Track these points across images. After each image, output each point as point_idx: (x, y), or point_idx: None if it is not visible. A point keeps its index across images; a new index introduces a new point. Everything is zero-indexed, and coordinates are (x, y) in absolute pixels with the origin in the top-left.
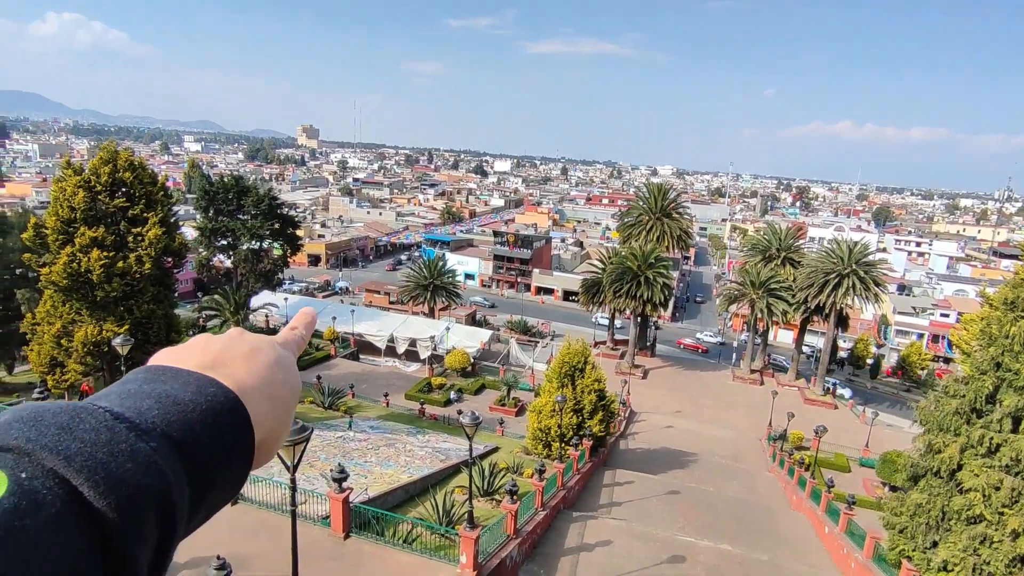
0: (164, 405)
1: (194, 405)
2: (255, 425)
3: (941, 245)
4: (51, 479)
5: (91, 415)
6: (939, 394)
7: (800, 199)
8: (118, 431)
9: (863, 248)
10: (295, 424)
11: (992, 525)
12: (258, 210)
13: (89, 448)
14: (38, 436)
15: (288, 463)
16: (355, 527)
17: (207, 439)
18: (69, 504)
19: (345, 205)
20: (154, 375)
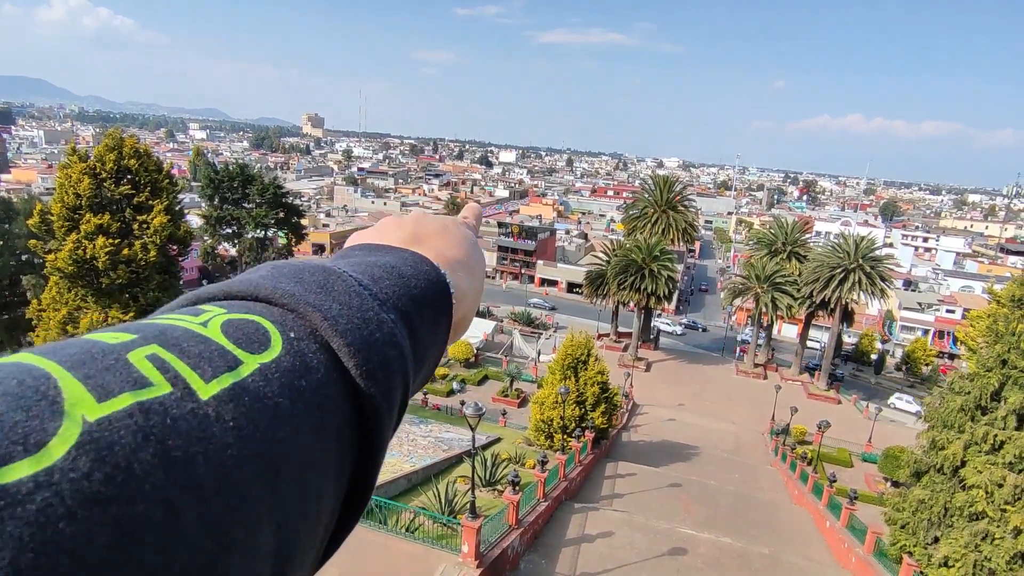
0: (392, 277)
1: (415, 280)
2: (458, 300)
3: (948, 241)
4: (315, 341)
5: (341, 279)
6: (944, 391)
7: (807, 193)
8: (366, 299)
9: (870, 243)
10: None
11: (994, 522)
12: (263, 199)
13: (347, 312)
14: (304, 293)
15: None
16: None
17: (425, 315)
18: (331, 370)
19: (350, 194)
20: (372, 250)
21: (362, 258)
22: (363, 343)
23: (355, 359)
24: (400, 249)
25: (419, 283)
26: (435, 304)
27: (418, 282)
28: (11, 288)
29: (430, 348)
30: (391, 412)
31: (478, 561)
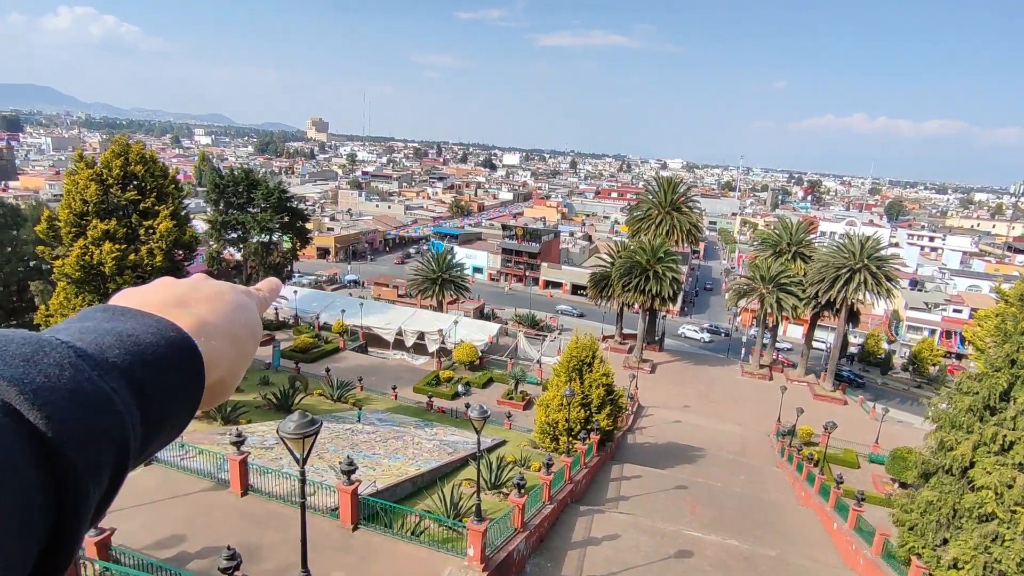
0: (125, 345)
1: (154, 347)
2: (212, 365)
3: (955, 240)
4: (6, 414)
5: (55, 349)
6: (952, 391)
7: (811, 193)
8: (81, 368)
9: (875, 243)
10: (304, 417)
11: (1004, 523)
12: (268, 203)
13: (52, 383)
14: (1, 366)
15: (298, 455)
16: (363, 519)
17: (163, 381)
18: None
19: (354, 198)
20: (115, 314)
21: (99, 323)
22: (65, 413)
23: (54, 429)
24: (147, 315)
25: (159, 349)
26: (178, 369)
27: (158, 348)
28: (19, 294)
29: (171, 412)
30: (97, 478)
31: (484, 564)
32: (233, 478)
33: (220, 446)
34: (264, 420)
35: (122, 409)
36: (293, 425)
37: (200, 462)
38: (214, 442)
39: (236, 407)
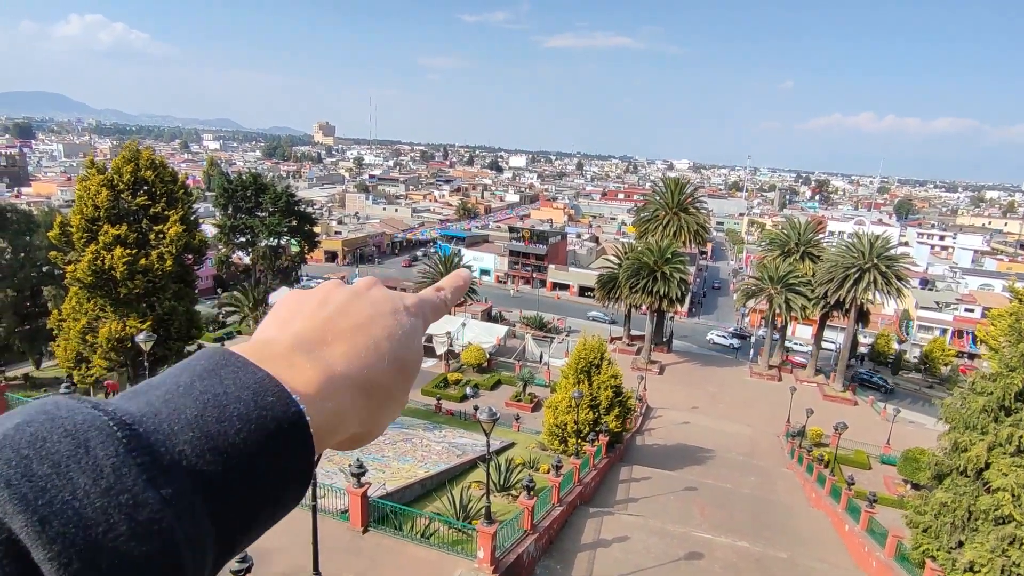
0: (206, 423)
1: (244, 425)
2: (332, 430)
3: (966, 238)
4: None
5: (101, 445)
6: (966, 391)
7: (820, 192)
8: (124, 474)
9: (885, 242)
10: None
11: (1022, 526)
12: (276, 207)
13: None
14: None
15: None
16: (373, 521)
17: (253, 470)
18: None
19: (361, 202)
20: (216, 365)
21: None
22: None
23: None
24: (251, 370)
25: (250, 428)
26: (273, 452)
27: (249, 427)
28: (33, 299)
29: (262, 506)
30: None
31: (494, 567)
32: None
33: None
34: None
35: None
36: None
37: None
38: None
39: None
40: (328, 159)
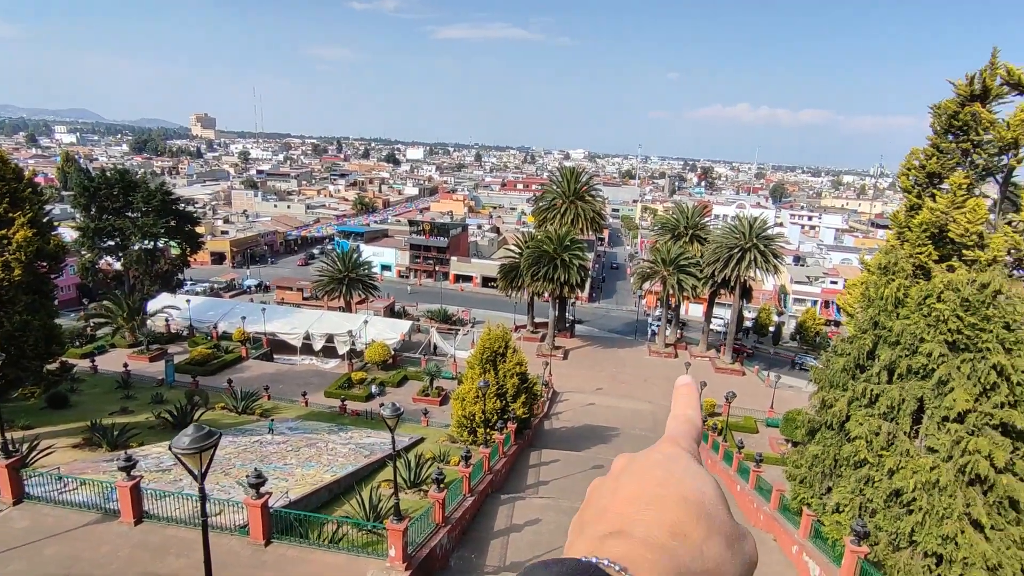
0: None
1: None
2: None
3: (828, 218)
4: None
5: None
6: (829, 354)
7: (705, 179)
8: None
9: (762, 224)
10: (201, 430)
11: (874, 467)
12: (149, 207)
13: None
14: None
15: (195, 472)
16: (277, 532)
17: None
18: None
19: (250, 199)
20: None
21: None
22: None
23: None
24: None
25: None
26: None
27: None
28: None
29: None
30: None
31: (406, 564)
32: (124, 506)
33: (108, 474)
34: (160, 441)
35: None
36: (188, 440)
37: (83, 494)
38: (100, 471)
39: (124, 430)
40: (210, 154)
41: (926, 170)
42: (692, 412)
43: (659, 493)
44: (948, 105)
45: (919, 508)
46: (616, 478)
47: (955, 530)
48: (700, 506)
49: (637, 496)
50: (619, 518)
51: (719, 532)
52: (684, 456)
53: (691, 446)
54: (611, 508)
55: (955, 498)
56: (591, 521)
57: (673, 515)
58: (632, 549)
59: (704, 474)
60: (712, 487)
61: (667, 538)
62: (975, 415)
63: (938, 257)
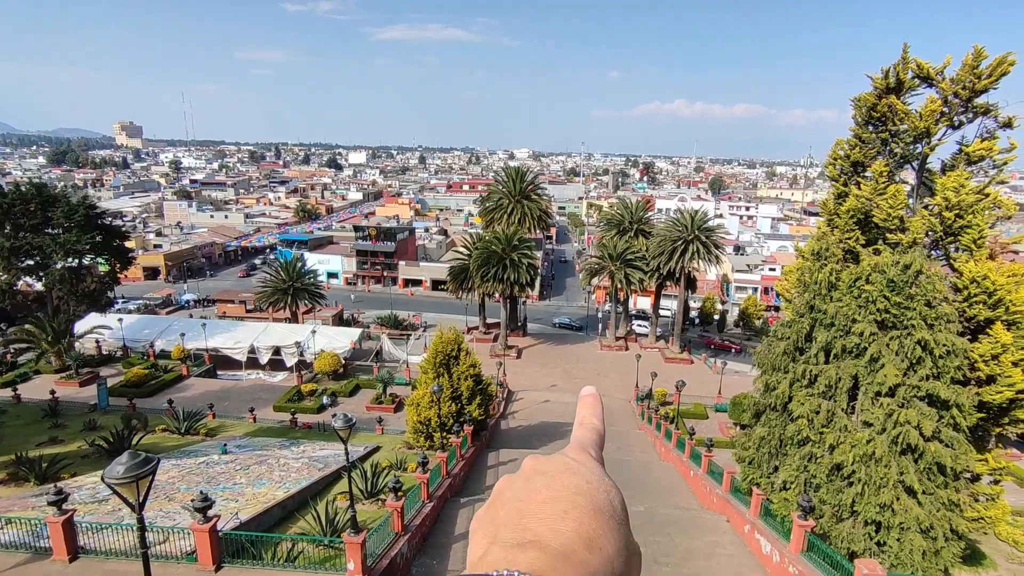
0: None
1: None
2: None
3: (765, 208)
4: None
5: None
6: (770, 339)
7: (647, 174)
8: None
9: (703, 216)
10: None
11: (815, 444)
12: (72, 222)
13: None
14: None
15: (132, 502)
16: (228, 556)
17: None
18: None
19: (183, 210)
20: None
21: None
22: None
23: None
24: None
25: None
26: None
27: None
28: None
29: None
30: None
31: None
32: (56, 543)
33: (37, 510)
34: (95, 470)
35: None
36: (122, 468)
37: (10, 533)
38: (28, 506)
39: (54, 461)
40: (137, 164)
41: (850, 159)
42: (597, 421)
43: (575, 501)
44: (867, 98)
45: (858, 480)
46: (527, 480)
47: (891, 498)
48: (612, 518)
49: (553, 501)
50: (537, 523)
51: (626, 546)
52: (595, 465)
53: (598, 454)
54: (527, 512)
55: (890, 468)
56: (505, 524)
57: (589, 527)
58: (548, 562)
59: (612, 485)
60: (619, 499)
61: (583, 551)
62: (904, 388)
63: (865, 241)
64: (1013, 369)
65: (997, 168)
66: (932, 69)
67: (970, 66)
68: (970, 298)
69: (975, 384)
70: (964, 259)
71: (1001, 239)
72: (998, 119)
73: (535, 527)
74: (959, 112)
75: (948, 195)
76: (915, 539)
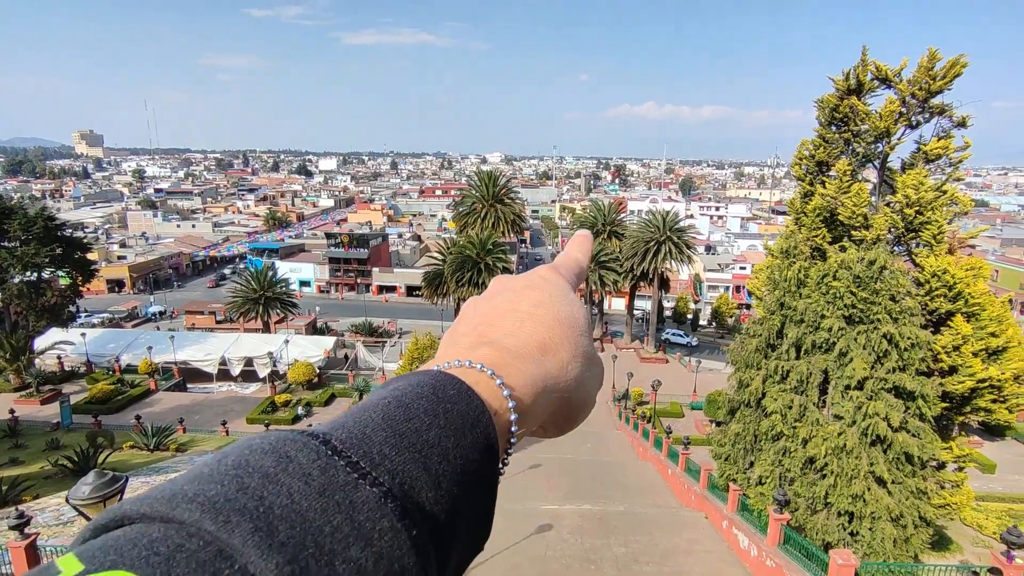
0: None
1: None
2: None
3: (734, 208)
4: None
5: (302, 452)
6: (743, 336)
7: (618, 176)
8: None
9: (674, 216)
10: (103, 476)
11: (789, 438)
12: (29, 234)
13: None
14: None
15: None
16: None
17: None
18: None
19: (148, 220)
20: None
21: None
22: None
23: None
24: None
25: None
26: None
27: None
28: None
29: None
30: None
31: None
32: (19, 569)
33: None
34: (59, 491)
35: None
36: (88, 488)
37: None
38: None
39: (15, 483)
40: (99, 173)
41: (815, 159)
42: (580, 255)
43: (534, 312)
44: (830, 99)
45: (831, 472)
46: (491, 297)
47: (862, 488)
48: (571, 328)
49: (512, 311)
50: (491, 329)
51: (584, 355)
52: (561, 281)
53: (571, 278)
54: (485, 322)
55: (860, 459)
56: (464, 333)
57: (545, 333)
58: (501, 357)
59: (578, 301)
60: (583, 313)
61: (537, 352)
62: (872, 381)
63: (831, 239)
64: (973, 359)
65: (953, 166)
66: (890, 71)
67: (925, 68)
68: (931, 292)
69: (938, 375)
70: (925, 254)
71: (959, 234)
72: (953, 119)
73: (490, 333)
74: (916, 112)
75: (908, 192)
76: (886, 528)
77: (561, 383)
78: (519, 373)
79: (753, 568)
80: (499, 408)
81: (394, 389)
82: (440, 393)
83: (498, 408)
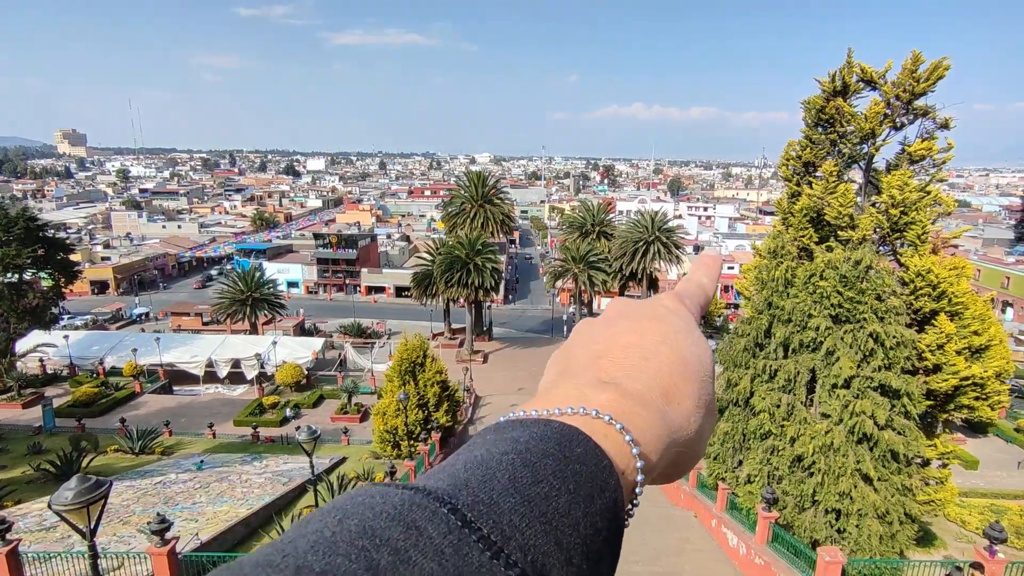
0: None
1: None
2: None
3: (722, 208)
4: None
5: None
6: (732, 336)
7: (607, 176)
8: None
9: (663, 217)
10: (86, 481)
11: (777, 437)
12: (10, 235)
13: None
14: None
15: (83, 529)
16: None
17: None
18: None
19: (133, 220)
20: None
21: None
22: None
23: None
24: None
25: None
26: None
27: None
28: None
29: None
30: None
31: None
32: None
33: None
34: (41, 496)
35: None
36: (71, 493)
37: None
38: None
39: None
40: (82, 173)
41: (802, 160)
42: (706, 280)
43: (658, 350)
44: (816, 100)
45: (818, 470)
46: (610, 323)
47: (849, 486)
48: (697, 373)
49: (635, 347)
50: (613, 366)
51: (707, 406)
52: (687, 315)
53: (695, 310)
54: (604, 354)
55: (847, 457)
56: (580, 361)
57: (670, 378)
58: (626, 404)
59: (704, 340)
60: (709, 356)
61: (660, 399)
62: (858, 380)
63: (818, 239)
64: (957, 358)
65: (937, 167)
66: (875, 73)
67: (909, 70)
68: (916, 291)
69: (923, 373)
70: (910, 254)
71: (943, 234)
72: (936, 120)
73: (611, 370)
74: (901, 114)
75: (893, 193)
76: (872, 525)
77: (682, 437)
78: (645, 425)
79: (742, 566)
80: (626, 468)
81: (514, 442)
82: (567, 451)
83: (625, 468)
